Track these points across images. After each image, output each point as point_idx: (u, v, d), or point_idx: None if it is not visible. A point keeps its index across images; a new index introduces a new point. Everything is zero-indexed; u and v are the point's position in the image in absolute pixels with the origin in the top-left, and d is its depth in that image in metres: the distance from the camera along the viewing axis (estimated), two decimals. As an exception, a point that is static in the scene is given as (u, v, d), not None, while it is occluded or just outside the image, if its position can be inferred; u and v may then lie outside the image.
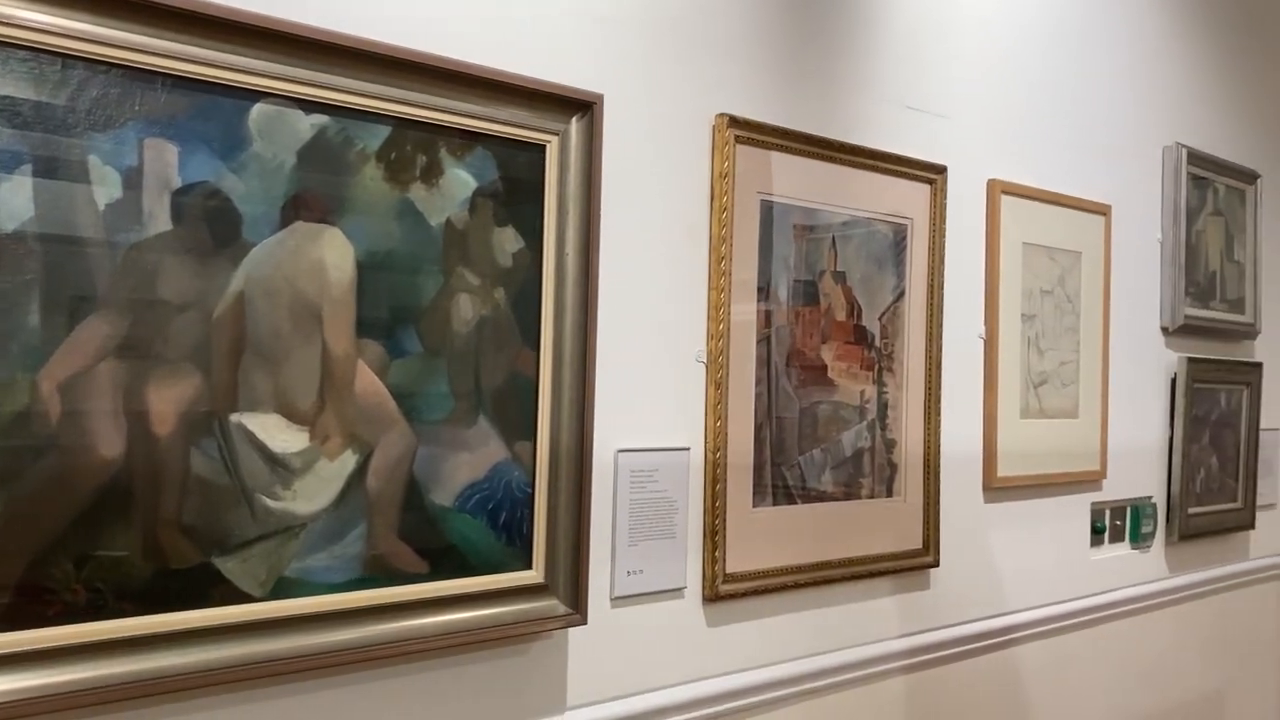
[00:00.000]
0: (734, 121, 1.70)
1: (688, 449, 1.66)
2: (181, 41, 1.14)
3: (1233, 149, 2.92)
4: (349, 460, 1.28)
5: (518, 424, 1.41)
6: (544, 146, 1.43)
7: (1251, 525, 2.96)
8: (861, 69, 1.96)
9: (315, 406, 1.25)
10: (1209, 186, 2.80)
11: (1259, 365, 2.96)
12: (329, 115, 1.25)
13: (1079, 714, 2.46)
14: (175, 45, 1.14)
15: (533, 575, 1.42)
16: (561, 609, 1.45)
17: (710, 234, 1.69)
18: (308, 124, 1.24)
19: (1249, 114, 3.02)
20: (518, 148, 1.41)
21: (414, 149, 1.32)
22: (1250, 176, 2.94)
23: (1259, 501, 3.01)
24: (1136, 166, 2.61)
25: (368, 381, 1.29)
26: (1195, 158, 2.72)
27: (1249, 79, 3.02)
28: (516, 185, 1.41)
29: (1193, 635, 2.81)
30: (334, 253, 1.25)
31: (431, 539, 1.34)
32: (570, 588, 1.45)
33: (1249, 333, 2.96)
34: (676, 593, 1.66)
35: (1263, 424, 3.00)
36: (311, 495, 1.25)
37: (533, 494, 1.42)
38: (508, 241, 1.40)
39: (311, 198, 1.24)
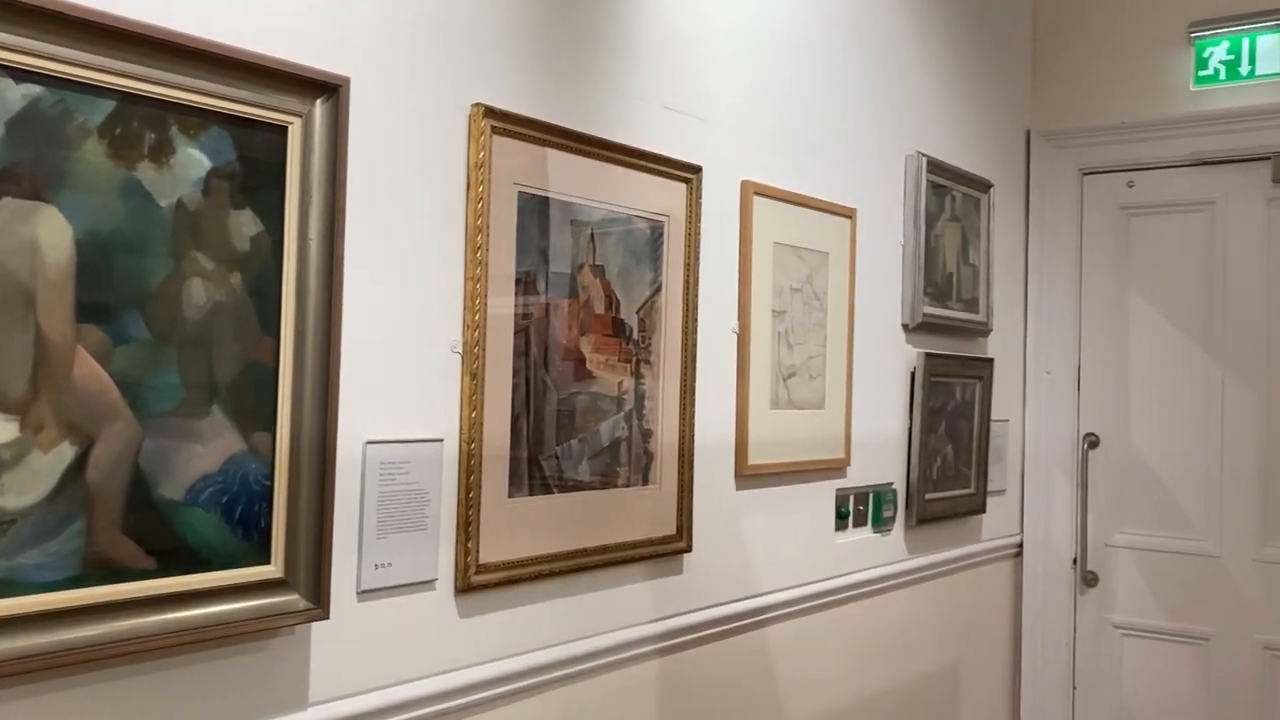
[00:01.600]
0: (490, 112, 1.70)
1: (441, 440, 1.66)
2: None
3: (969, 160, 3.15)
4: (66, 452, 1.20)
5: (256, 414, 1.37)
6: (286, 128, 1.39)
7: (983, 509, 3.20)
8: (622, 68, 2.00)
9: (27, 395, 1.17)
10: (947, 194, 3.00)
11: (991, 361, 3.20)
12: (44, 85, 1.18)
13: (825, 689, 2.60)
14: None
15: (271, 570, 1.39)
16: (302, 604, 1.41)
17: (466, 224, 1.69)
18: (18, 94, 1.16)
19: (984, 128, 3.26)
20: (257, 128, 1.36)
21: (142, 125, 1.25)
22: (984, 185, 3.18)
23: (990, 487, 3.25)
24: (880, 173, 2.78)
25: (88, 369, 1.22)
26: (935, 166, 2.92)
27: (984, 96, 3.26)
28: (256, 167, 1.36)
29: (930, 613, 3.02)
30: (49, 232, 1.18)
31: (159, 534, 1.28)
32: (312, 582, 1.42)
33: (982, 330, 3.19)
34: (428, 585, 1.65)
35: (994, 415, 3.24)
36: (22, 489, 1.17)
37: (271, 487, 1.38)
38: (245, 225, 1.35)
39: (22, 173, 1.16)
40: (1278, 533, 3.12)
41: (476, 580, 1.70)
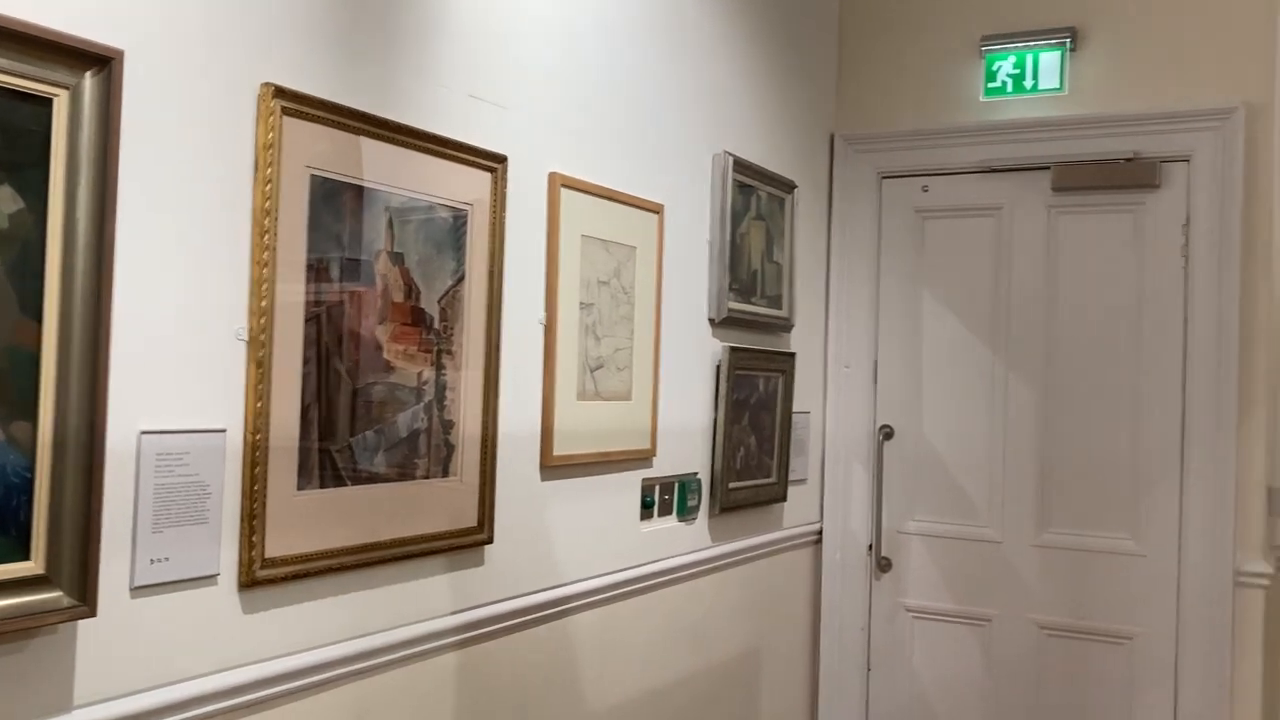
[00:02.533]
0: (281, 92, 1.65)
1: (224, 431, 1.60)
2: None
3: (775, 161, 3.25)
4: None
5: (15, 403, 1.29)
6: (51, 100, 1.31)
7: (784, 498, 3.31)
8: (425, 53, 1.97)
9: None
10: (753, 193, 3.09)
11: (793, 355, 3.31)
12: None
13: (630, 676, 2.64)
14: None
15: (31, 566, 1.31)
16: (66, 602, 1.34)
17: (254, 207, 1.64)
18: None
19: (790, 131, 3.37)
20: (18, 99, 1.28)
21: (-119, 90, 1.16)
22: (789, 186, 3.28)
23: (791, 477, 3.37)
24: (688, 171, 2.83)
25: None
26: (741, 166, 3.00)
27: (791, 100, 3.37)
28: (17, 140, 1.28)
29: (733, 599, 3.10)
30: None
31: (-100, 530, 1.19)
32: (77, 579, 1.35)
33: (785, 326, 3.30)
34: (209, 580, 1.59)
35: (796, 407, 3.36)
36: None
37: (32, 479, 1.31)
38: (4, 201, 1.27)
39: None
40: (1052, 520, 3.34)
41: (262, 575, 1.65)
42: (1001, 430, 3.41)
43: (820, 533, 3.60)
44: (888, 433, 3.55)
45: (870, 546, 3.57)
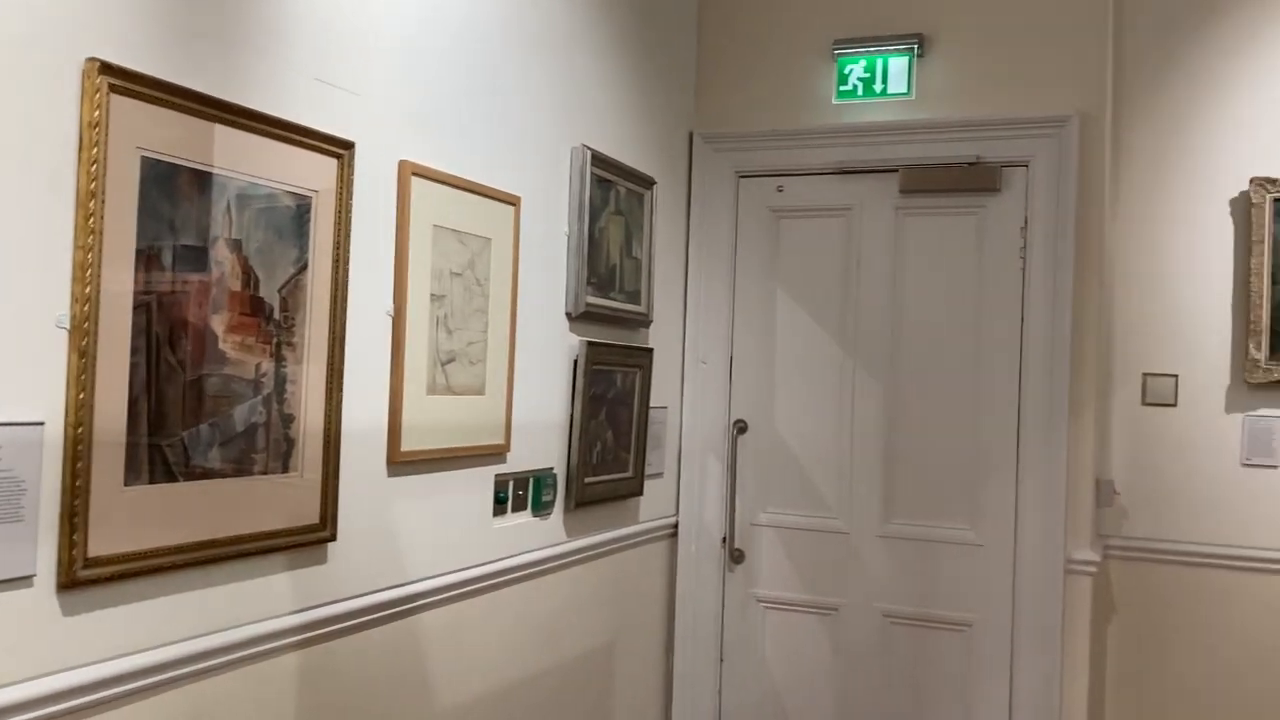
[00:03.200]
0: (108, 69, 1.57)
1: (42, 424, 1.51)
2: None
3: (634, 156, 3.26)
4: None
5: None
6: None
7: (641, 492, 3.33)
8: (269, 35, 1.91)
9: None
10: (612, 188, 3.09)
11: (650, 350, 3.33)
12: None
13: (481, 673, 2.61)
14: None
15: None
16: None
17: (78, 189, 1.55)
18: None
19: (649, 127, 3.38)
20: None
21: None
22: (648, 182, 3.30)
23: (648, 471, 3.39)
24: (546, 163, 2.82)
25: None
26: (600, 160, 3.00)
27: (650, 97, 3.38)
28: None
29: (588, 593, 3.10)
30: None
31: None
32: None
33: (643, 321, 3.31)
34: (24, 581, 1.50)
35: (653, 402, 3.38)
36: None
37: None
38: None
39: None
40: (897, 511, 3.45)
41: (84, 575, 1.57)
42: (850, 424, 3.50)
43: (676, 526, 3.63)
44: (742, 427, 3.61)
45: (724, 539, 3.62)
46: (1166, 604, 3.48)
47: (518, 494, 2.75)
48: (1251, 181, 3.38)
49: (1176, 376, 3.49)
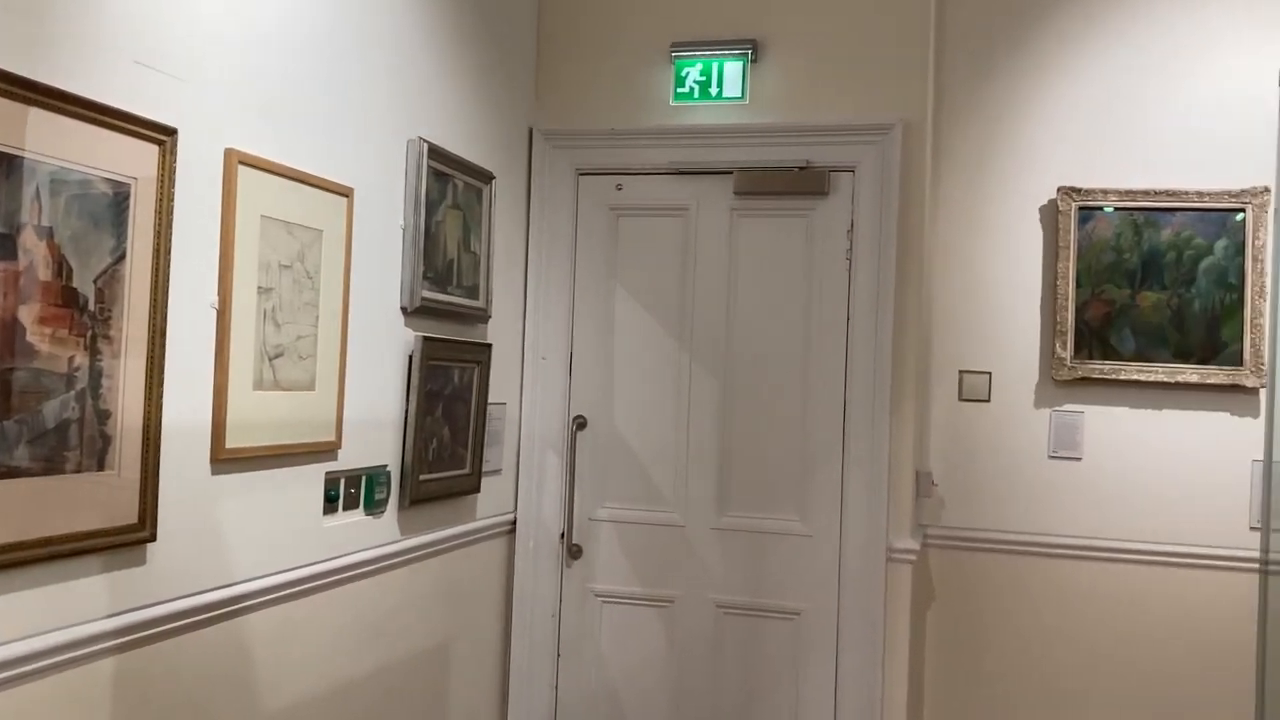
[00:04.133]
0: (-99, 43, 1.48)
1: None
2: None
3: (473, 150, 3.24)
4: None
5: None
6: None
7: (478, 489, 3.31)
8: (84, 13, 1.82)
9: None
10: (450, 181, 3.07)
11: (489, 346, 3.32)
12: None
13: (311, 676, 2.55)
14: None
15: None
16: None
17: None
18: None
19: (488, 122, 3.37)
20: None
21: None
22: (487, 177, 3.29)
23: (485, 468, 3.38)
24: (381, 155, 2.78)
25: None
26: (437, 153, 2.97)
27: (490, 91, 3.37)
28: None
29: (423, 592, 3.07)
30: None
31: None
32: None
33: (482, 316, 3.30)
34: None
35: (491, 398, 3.37)
36: None
37: None
38: None
39: None
40: (730, 504, 3.54)
41: (-128, 582, 1.47)
42: (686, 420, 3.57)
43: (514, 523, 3.63)
44: (581, 423, 3.63)
45: (562, 535, 3.64)
46: (980, 589, 3.68)
47: (349, 492, 2.70)
48: (1059, 190, 3.60)
49: (990, 374, 3.69)
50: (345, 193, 2.58)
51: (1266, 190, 3.39)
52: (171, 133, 1.99)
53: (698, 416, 3.56)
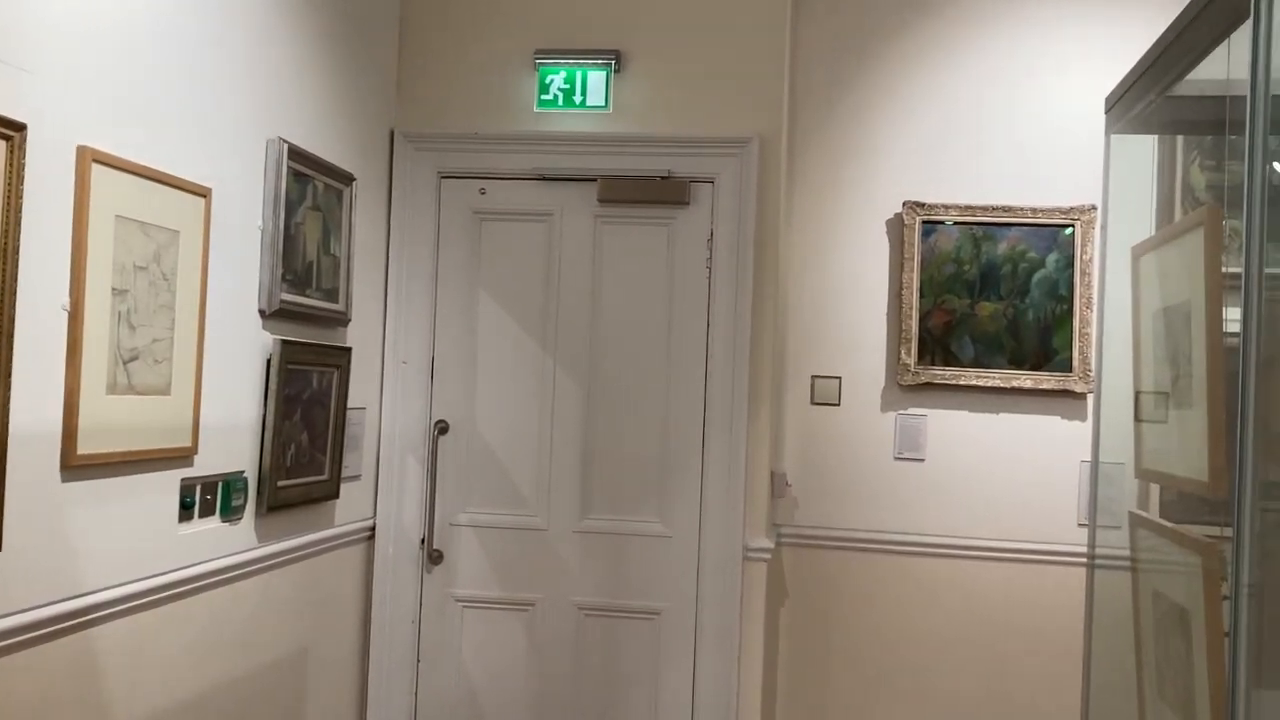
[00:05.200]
0: None
1: None
2: None
3: (333, 152, 3.20)
4: None
5: None
6: None
7: (337, 495, 3.27)
8: (-76, 0, 1.74)
9: None
10: (310, 182, 3.03)
11: (349, 350, 3.28)
12: None
13: (164, 687, 2.48)
14: None
15: None
16: None
17: None
18: None
19: (349, 123, 3.34)
20: None
21: None
22: (347, 178, 3.25)
23: (345, 474, 3.34)
24: (240, 155, 2.72)
25: None
26: (297, 154, 2.93)
27: (351, 92, 3.34)
28: None
29: (281, 600, 3.02)
30: None
31: None
32: None
33: (341, 320, 3.26)
34: None
35: (351, 403, 3.33)
36: None
37: None
38: None
39: None
40: (592, 507, 3.59)
41: None
42: (550, 424, 3.61)
43: (373, 529, 3.59)
44: (443, 428, 3.62)
45: (423, 540, 3.62)
46: (830, 586, 3.82)
47: (206, 498, 2.64)
48: (904, 205, 3.77)
49: (840, 379, 3.85)
50: (203, 193, 2.53)
51: (1094, 208, 3.63)
52: (20, 128, 1.92)
53: (561, 421, 3.60)
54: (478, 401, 3.64)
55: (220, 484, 2.69)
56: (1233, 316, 1.91)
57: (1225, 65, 2.07)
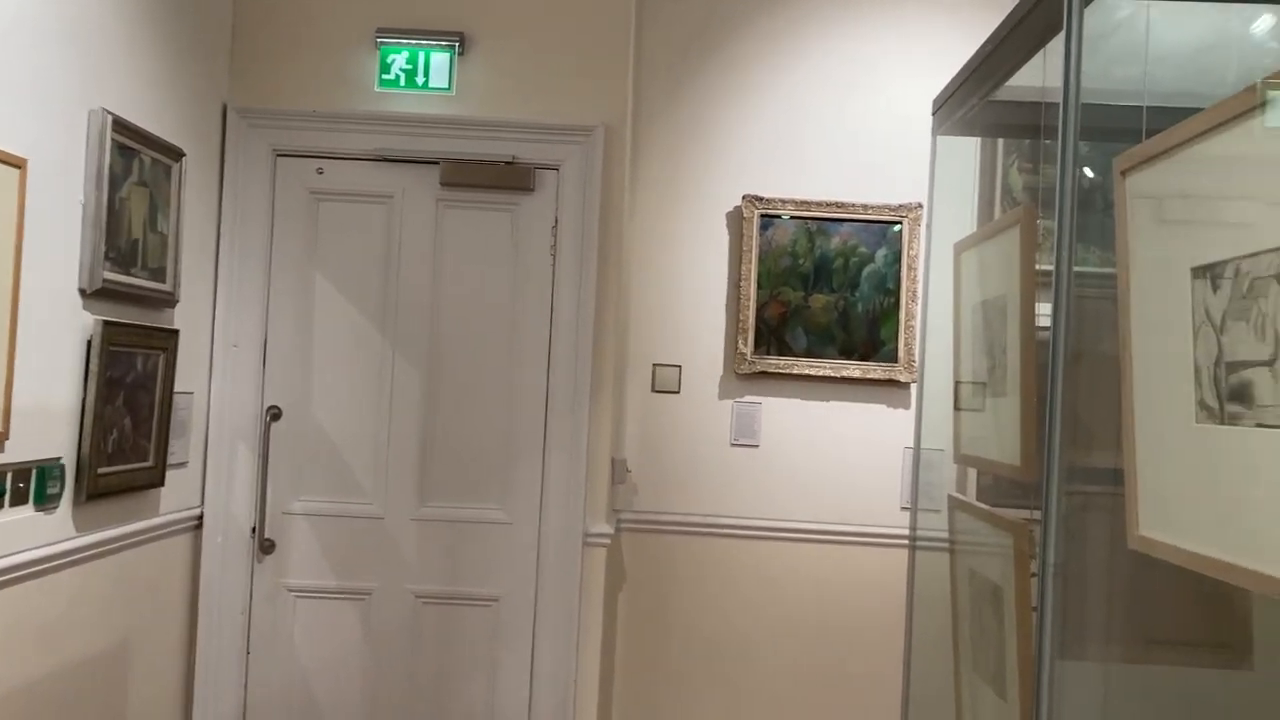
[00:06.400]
0: None
1: None
2: None
3: (161, 125, 3.07)
4: None
5: None
6: None
7: (162, 483, 3.14)
8: None
9: None
10: (135, 156, 2.89)
11: (176, 332, 3.15)
12: None
13: (-32, 687, 2.35)
14: None
15: None
16: None
17: None
18: None
19: (179, 96, 3.20)
20: None
21: None
22: (176, 153, 3.12)
23: (171, 460, 3.21)
24: (60, 125, 2.58)
25: None
26: (122, 126, 2.79)
27: (180, 64, 3.20)
28: None
29: (101, 592, 2.88)
30: None
31: None
32: None
33: (168, 300, 3.13)
34: None
35: (178, 387, 3.20)
36: None
37: None
38: None
39: None
40: (432, 494, 3.55)
41: None
42: (388, 410, 3.55)
43: (201, 517, 3.47)
44: (276, 414, 3.52)
45: (254, 529, 3.52)
46: (668, 570, 3.90)
47: (18, 486, 2.49)
48: (744, 198, 3.87)
49: (680, 367, 3.92)
50: (17, 164, 2.39)
51: (920, 206, 3.81)
52: None
53: (400, 407, 3.55)
54: (313, 387, 3.55)
55: (34, 471, 2.55)
56: (1044, 311, 2.04)
57: (1041, 73, 2.21)
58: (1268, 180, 1.52)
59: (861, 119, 3.91)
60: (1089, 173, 2.26)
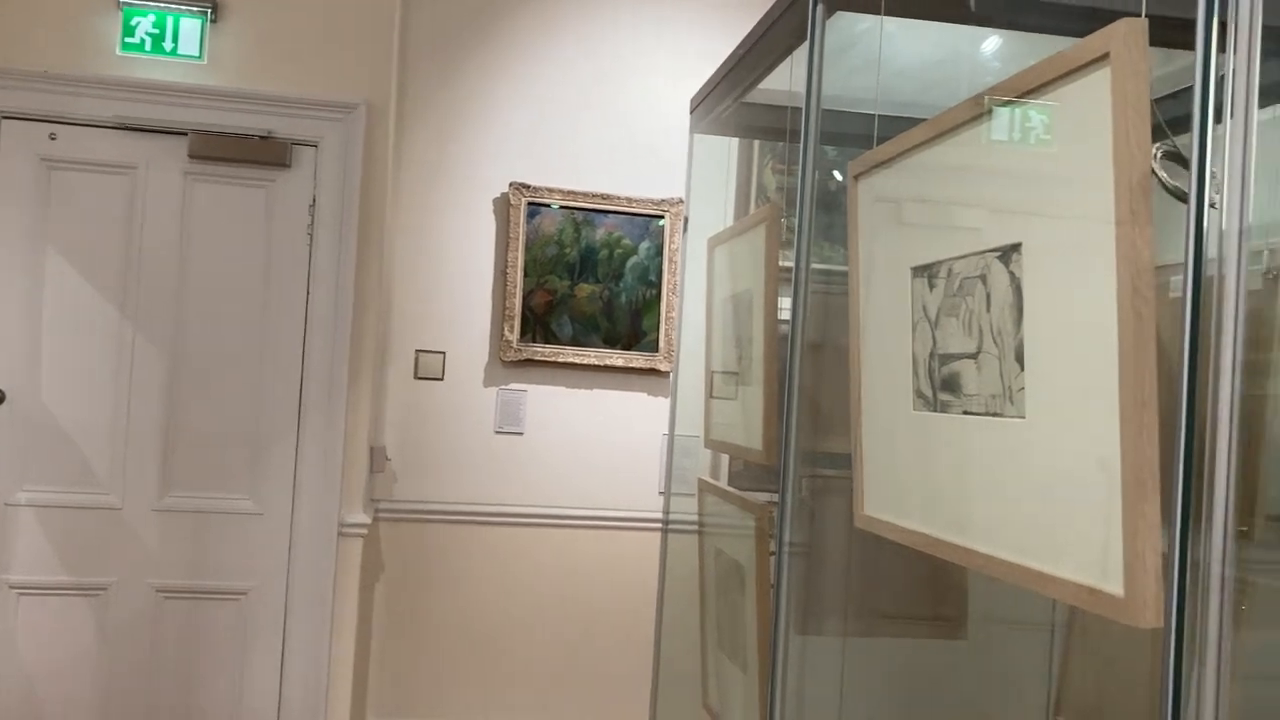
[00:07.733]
0: None
1: None
2: None
3: None
4: None
5: None
6: None
7: None
8: None
9: None
10: None
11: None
12: None
13: None
14: None
15: None
16: None
17: None
18: None
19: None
20: None
21: None
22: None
23: None
24: None
25: None
26: None
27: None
28: None
29: None
30: None
31: None
32: None
33: None
34: None
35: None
36: None
37: None
38: None
39: None
40: (175, 484, 3.38)
41: None
42: (127, 395, 3.35)
43: (-92, 510, 3.17)
44: (-2, 397, 3.26)
45: (-29, 522, 3.24)
46: (429, 559, 3.85)
47: None
48: (511, 185, 3.86)
49: (444, 354, 3.88)
50: None
51: (680, 201, 3.91)
52: None
53: (141, 392, 3.35)
54: (43, 369, 3.30)
55: None
56: (786, 305, 2.15)
57: (788, 79, 2.32)
58: (980, 187, 1.65)
59: (630, 113, 3.98)
60: (838, 176, 2.39)
